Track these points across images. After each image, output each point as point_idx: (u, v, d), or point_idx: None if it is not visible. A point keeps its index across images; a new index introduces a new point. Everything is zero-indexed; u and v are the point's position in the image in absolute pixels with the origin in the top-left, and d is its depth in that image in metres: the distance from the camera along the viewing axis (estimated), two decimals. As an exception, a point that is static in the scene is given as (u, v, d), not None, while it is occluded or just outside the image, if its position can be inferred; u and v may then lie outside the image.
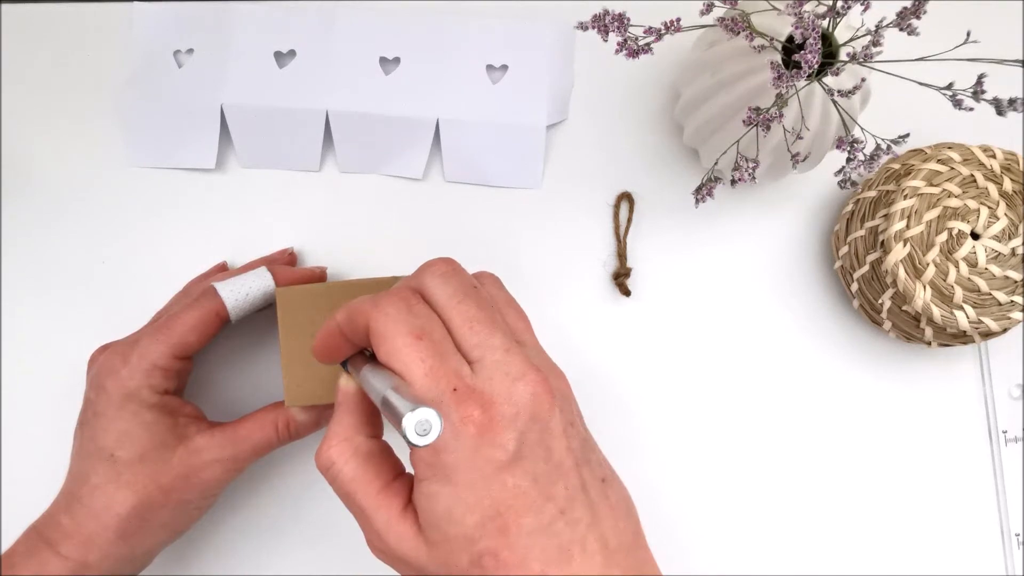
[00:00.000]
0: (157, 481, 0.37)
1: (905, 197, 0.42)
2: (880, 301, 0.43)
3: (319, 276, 0.44)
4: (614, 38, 0.34)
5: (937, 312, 0.41)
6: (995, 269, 0.41)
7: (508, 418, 0.27)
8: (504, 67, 0.47)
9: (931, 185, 0.42)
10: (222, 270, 0.45)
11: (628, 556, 0.28)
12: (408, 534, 0.28)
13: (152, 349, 0.38)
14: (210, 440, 0.39)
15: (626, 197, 0.47)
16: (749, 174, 0.36)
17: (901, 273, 0.41)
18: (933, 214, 0.41)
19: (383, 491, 0.29)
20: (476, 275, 0.33)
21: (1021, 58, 0.32)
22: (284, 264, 0.44)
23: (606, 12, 0.34)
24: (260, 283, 0.41)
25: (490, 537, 0.26)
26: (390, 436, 0.32)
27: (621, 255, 0.46)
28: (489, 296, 0.31)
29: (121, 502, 0.37)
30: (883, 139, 0.35)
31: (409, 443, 0.25)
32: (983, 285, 0.41)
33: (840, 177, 0.36)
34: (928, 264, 0.41)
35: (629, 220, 0.47)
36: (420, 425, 0.25)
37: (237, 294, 0.40)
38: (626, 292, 0.46)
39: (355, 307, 0.30)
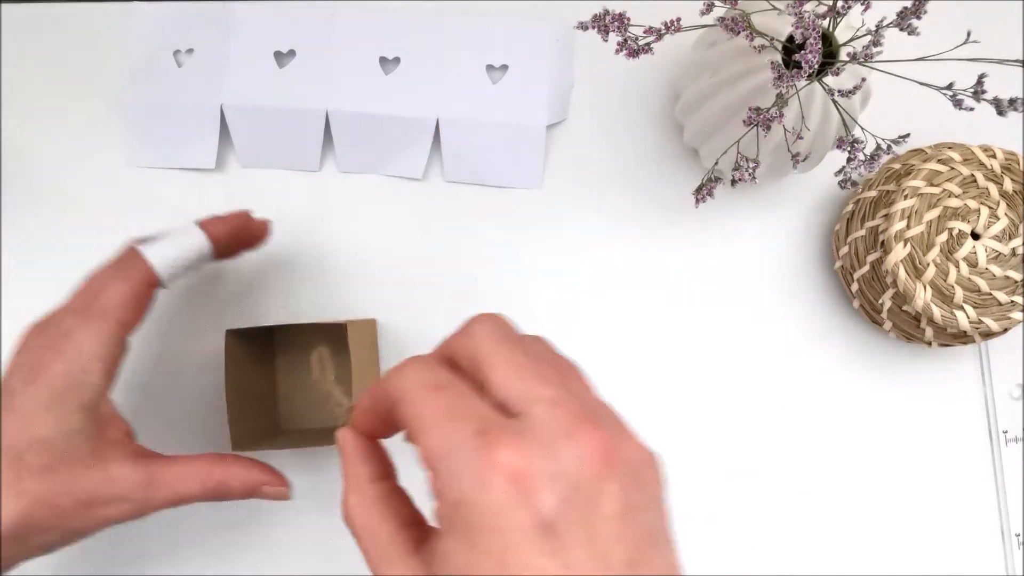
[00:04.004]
0: (55, 501, 0.32)
1: (905, 197, 0.42)
2: (880, 301, 0.43)
3: (244, 220, 0.38)
4: (614, 38, 0.34)
5: (937, 312, 0.41)
6: (995, 269, 0.41)
7: (548, 475, 0.21)
8: (504, 67, 0.47)
9: (931, 185, 0.42)
10: None
11: None
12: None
13: (88, 340, 0.33)
14: (129, 474, 0.33)
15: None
16: (749, 174, 0.36)
17: (901, 273, 0.41)
18: (933, 214, 0.41)
19: (397, 534, 0.25)
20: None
21: (1021, 58, 0.32)
22: (251, 230, 0.39)
23: (606, 12, 0.34)
24: (193, 241, 0.34)
25: None
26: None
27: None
28: (537, 351, 0.25)
29: (9, 512, 0.31)
30: (883, 139, 0.35)
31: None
32: (983, 285, 0.41)
33: (840, 177, 0.36)
34: (928, 264, 0.41)
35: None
36: None
37: (167, 257, 0.34)
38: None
39: (376, 384, 0.26)
